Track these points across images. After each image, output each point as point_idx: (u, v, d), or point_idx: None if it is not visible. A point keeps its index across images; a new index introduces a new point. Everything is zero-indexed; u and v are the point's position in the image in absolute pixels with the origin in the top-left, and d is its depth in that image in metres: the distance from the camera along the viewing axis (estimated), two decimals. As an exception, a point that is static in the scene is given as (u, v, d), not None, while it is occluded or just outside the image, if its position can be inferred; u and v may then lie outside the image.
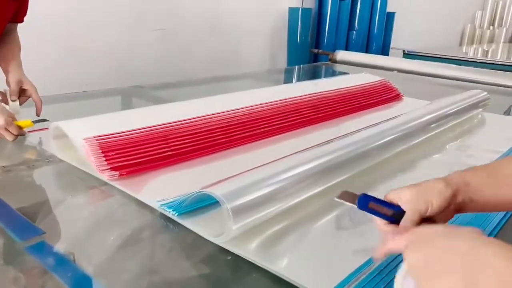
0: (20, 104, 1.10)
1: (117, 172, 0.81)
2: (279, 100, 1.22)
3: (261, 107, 1.17)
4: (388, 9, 3.52)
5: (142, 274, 0.59)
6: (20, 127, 1.00)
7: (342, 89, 1.41)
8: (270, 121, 1.15)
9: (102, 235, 0.68)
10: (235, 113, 1.10)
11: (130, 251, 0.64)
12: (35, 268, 0.58)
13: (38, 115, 1.09)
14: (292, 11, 2.97)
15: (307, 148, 0.92)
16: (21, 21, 1.20)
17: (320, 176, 0.75)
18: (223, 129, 1.04)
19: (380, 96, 1.52)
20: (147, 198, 0.74)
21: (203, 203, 0.70)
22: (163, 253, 0.63)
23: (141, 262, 0.61)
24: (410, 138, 1.03)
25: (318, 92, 1.33)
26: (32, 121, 1.04)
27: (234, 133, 1.05)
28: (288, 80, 2.32)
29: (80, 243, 0.66)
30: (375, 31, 3.46)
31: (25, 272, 0.58)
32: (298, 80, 2.26)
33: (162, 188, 0.81)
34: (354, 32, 3.32)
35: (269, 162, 0.78)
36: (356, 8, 3.28)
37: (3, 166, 0.87)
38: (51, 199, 0.81)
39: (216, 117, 1.06)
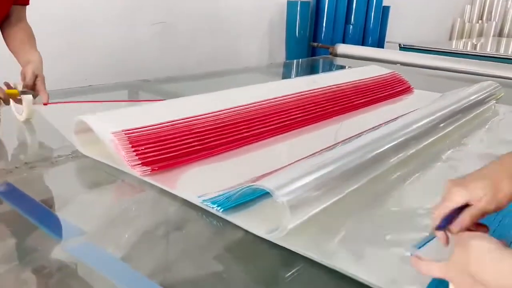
0: None
1: (149, 167, 0.78)
2: (298, 93, 1.20)
3: (279, 100, 1.15)
4: (383, 3, 3.52)
5: (185, 266, 0.57)
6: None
7: (357, 81, 1.40)
8: (290, 115, 1.12)
9: (141, 230, 0.65)
10: (256, 106, 1.08)
11: (173, 245, 0.62)
12: (45, 268, 0.56)
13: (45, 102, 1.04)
14: (291, 5, 2.94)
15: (341, 141, 0.91)
16: (27, 2, 1.15)
17: (361, 169, 0.73)
18: (246, 122, 1.02)
19: (393, 88, 1.51)
20: (185, 194, 0.72)
21: (245, 198, 0.68)
22: (209, 245, 0.61)
23: (184, 255, 0.59)
24: (438, 130, 1.02)
25: (335, 85, 1.31)
26: (19, 91, 1.01)
27: (256, 127, 1.03)
28: (291, 74, 2.30)
29: (119, 240, 0.63)
30: (371, 25, 3.45)
31: (35, 273, 0.55)
32: (303, 74, 2.24)
33: (196, 183, 0.78)
34: (351, 26, 3.31)
35: (309, 156, 0.76)
36: (353, 2, 3.27)
37: (26, 163, 0.83)
38: (80, 196, 0.78)
39: (238, 110, 1.03)
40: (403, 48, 3.20)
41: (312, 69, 2.40)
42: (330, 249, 0.59)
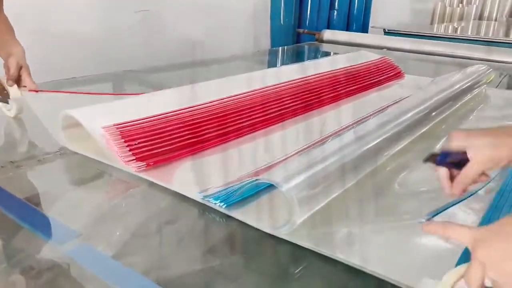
0: None
1: (144, 163, 0.75)
2: (291, 81, 1.17)
3: (272, 89, 1.12)
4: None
5: (184, 263, 0.55)
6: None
7: (349, 67, 1.38)
8: (284, 104, 1.09)
9: (138, 227, 0.63)
10: (249, 96, 1.05)
11: (172, 242, 0.59)
12: (33, 269, 0.53)
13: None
14: (275, -9, 2.89)
15: (338, 130, 0.89)
16: None
17: (364, 160, 0.71)
18: (240, 113, 0.98)
19: (383, 74, 1.49)
20: (184, 190, 0.69)
21: (246, 193, 0.65)
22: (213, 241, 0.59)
23: (182, 251, 0.57)
24: (433, 116, 1.01)
25: (327, 72, 1.29)
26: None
27: (251, 117, 1.00)
28: (278, 61, 2.27)
29: (115, 239, 0.60)
30: (355, 10, 3.43)
31: (24, 274, 0.53)
32: (289, 61, 2.21)
33: (193, 177, 0.76)
34: (335, 11, 3.28)
35: (309, 146, 0.73)
36: (337, -13, 3.24)
37: (11, 162, 0.79)
38: (69, 194, 0.74)
39: (231, 100, 1.00)
40: (388, 33, 3.19)
41: (298, 56, 2.36)
42: (336, 241, 0.57)
